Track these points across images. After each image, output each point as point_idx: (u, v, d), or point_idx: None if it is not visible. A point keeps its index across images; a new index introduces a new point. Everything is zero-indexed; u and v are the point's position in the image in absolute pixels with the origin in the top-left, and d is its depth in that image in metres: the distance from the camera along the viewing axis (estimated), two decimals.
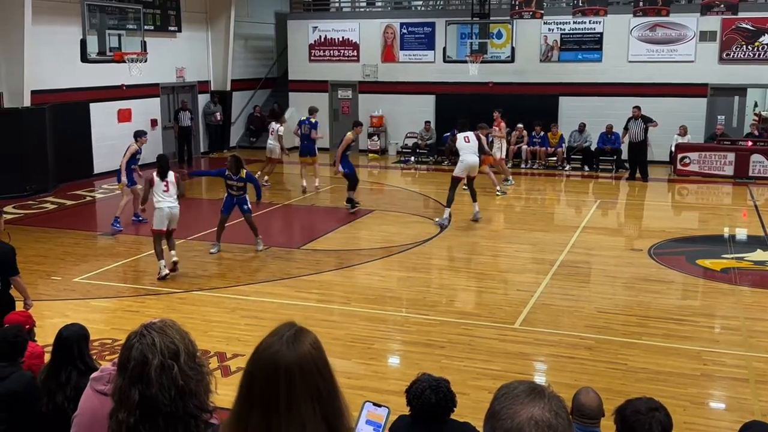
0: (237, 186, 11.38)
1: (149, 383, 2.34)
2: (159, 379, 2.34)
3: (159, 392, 2.33)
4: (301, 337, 2.00)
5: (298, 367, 1.94)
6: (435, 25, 21.68)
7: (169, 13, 20.40)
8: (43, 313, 8.33)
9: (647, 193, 17.33)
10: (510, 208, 15.87)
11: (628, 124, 18.15)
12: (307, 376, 1.95)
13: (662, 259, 11.23)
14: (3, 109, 15.86)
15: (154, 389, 2.33)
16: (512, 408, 1.69)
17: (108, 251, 11.93)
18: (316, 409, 1.94)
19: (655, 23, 19.77)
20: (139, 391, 2.34)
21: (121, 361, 2.42)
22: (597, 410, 4.15)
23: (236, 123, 23.80)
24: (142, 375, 2.35)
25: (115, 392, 2.41)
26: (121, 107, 19.08)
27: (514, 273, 10.70)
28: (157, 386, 2.33)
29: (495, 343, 8.01)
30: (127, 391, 2.36)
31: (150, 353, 2.36)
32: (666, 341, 8.08)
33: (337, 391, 2.03)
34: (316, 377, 1.96)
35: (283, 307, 9.17)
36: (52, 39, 16.42)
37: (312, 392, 1.95)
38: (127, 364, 2.38)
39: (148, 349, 2.37)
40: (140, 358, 2.36)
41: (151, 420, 2.34)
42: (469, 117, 14.68)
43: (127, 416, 2.35)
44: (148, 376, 2.34)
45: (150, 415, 2.34)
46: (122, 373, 2.40)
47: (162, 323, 2.47)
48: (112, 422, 2.42)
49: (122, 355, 2.42)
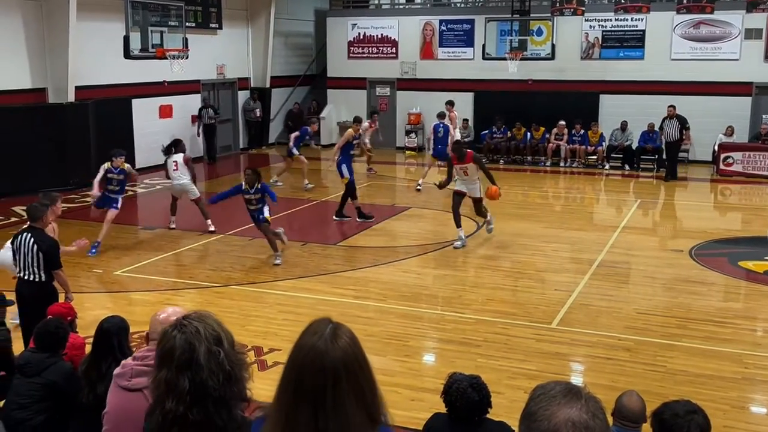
0: (255, 199, 10.80)
1: (199, 369, 2.38)
2: (208, 364, 2.39)
3: (209, 377, 2.38)
4: (340, 334, 2.07)
5: (343, 365, 2.02)
6: (474, 22, 21.58)
7: (210, 11, 20.60)
8: (85, 305, 8.48)
9: (689, 193, 17.06)
10: (549, 206, 15.73)
11: (663, 123, 17.89)
12: (351, 373, 2.03)
13: (703, 260, 11.04)
14: (48, 105, 16.18)
15: (204, 374, 2.38)
16: (549, 409, 1.68)
17: (148, 245, 12.11)
18: (359, 404, 2.03)
19: (699, 21, 19.43)
20: (188, 378, 2.38)
21: (164, 353, 2.45)
22: (639, 414, 4.10)
23: (275, 120, 23.96)
24: (191, 362, 2.39)
25: (159, 384, 2.44)
26: (163, 103, 19.33)
27: (551, 272, 10.62)
28: (207, 371, 2.38)
29: (531, 343, 7.96)
30: (175, 379, 2.39)
31: (196, 340, 2.41)
32: (706, 343, 7.95)
33: (376, 385, 2.11)
34: (358, 373, 2.05)
35: (320, 303, 9.22)
36: (96, 35, 16.70)
37: (356, 388, 2.03)
38: (172, 354, 2.41)
39: (192, 336, 2.42)
40: (187, 346, 2.41)
41: (200, 405, 2.39)
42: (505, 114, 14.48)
43: (176, 404, 2.38)
44: (197, 362, 2.39)
45: (200, 400, 2.38)
46: (167, 364, 2.43)
47: (198, 314, 2.52)
48: (156, 414, 2.45)
49: (164, 347, 2.46)
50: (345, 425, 2.00)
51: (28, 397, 4.90)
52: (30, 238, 6.93)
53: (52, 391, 4.92)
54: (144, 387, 3.11)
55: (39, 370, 4.94)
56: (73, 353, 5.33)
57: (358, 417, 2.02)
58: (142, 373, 3.16)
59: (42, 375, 4.93)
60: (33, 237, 6.93)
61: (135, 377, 3.21)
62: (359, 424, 2.02)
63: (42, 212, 7.12)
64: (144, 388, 3.11)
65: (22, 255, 6.94)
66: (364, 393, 2.05)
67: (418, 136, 22.37)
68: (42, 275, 6.96)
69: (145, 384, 3.09)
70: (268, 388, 2.37)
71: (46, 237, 7.09)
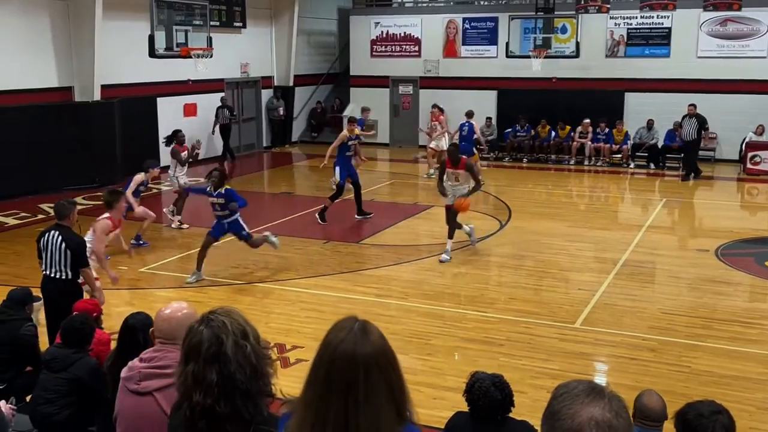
0: (218, 204, 9.89)
1: (227, 361, 2.40)
2: (235, 357, 2.41)
3: (237, 370, 2.39)
4: (370, 329, 2.10)
5: (374, 360, 2.04)
6: (498, 19, 21.50)
7: (234, 10, 20.70)
8: (110, 301, 8.55)
9: (715, 193, 16.87)
10: (573, 205, 15.64)
11: (683, 121, 17.68)
12: (381, 367, 2.05)
13: (729, 260, 10.92)
14: (74, 103, 16.36)
15: (232, 367, 2.40)
16: (572, 408, 1.67)
17: (173, 243, 12.21)
18: (389, 398, 2.05)
19: (726, 18, 19.21)
20: (216, 371, 2.40)
21: (191, 347, 2.46)
22: (660, 413, 4.07)
23: (298, 118, 24.04)
24: (218, 354, 2.41)
25: (187, 378, 2.45)
26: (187, 102, 19.47)
27: (575, 271, 10.56)
28: (234, 364, 2.40)
29: (555, 342, 7.92)
30: (203, 373, 2.41)
31: (223, 334, 2.43)
32: (732, 344, 7.87)
33: (404, 381, 2.12)
34: (388, 368, 2.07)
35: (341, 301, 9.24)
36: (122, 34, 16.86)
37: (386, 382, 2.06)
38: (199, 348, 2.43)
39: (220, 330, 2.44)
40: (214, 339, 2.42)
41: (228, 398, 2.40)
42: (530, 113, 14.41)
43: (203, 397, 2.40)
44: (225, 354, 2.40)
45: (228, 393, 2.40)
46: (194, 357, 2.44)
47: (224, 309, 2.54)
48: (184, 408, 2.47)
49: (191, 342, 2.47)
50: (375, 419, 2.02)
51: (54, 392, 4.97)
52: (58, 236, 7.01)
53: (78, 386, 4.98)
54: (154, 390, 3.08)
55: (65, 365, 5.00)
56: (99, 349, 5.39)
57: (387, 411, 2.04)
58: (151, 375, 3.13)
59: (68, 370, 4.99)
60: (61, 235, 7.01)
61: (144, 380, 3.15)
62: (388, 418, 2.04)
63: (69, 210, 7.20)
64: (154, 391, 3.08)
65: (49, 252, 7.01)
66: (393, 388, 2.07)
67: None
68: (69, 273, 7.04)
69: (156, 386, 3.08)
70: (290, 385, 2.38)
71: (74, 235, 7.17)
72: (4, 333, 5.75)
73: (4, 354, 5.73)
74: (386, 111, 23.27)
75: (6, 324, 5.80)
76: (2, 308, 5.97)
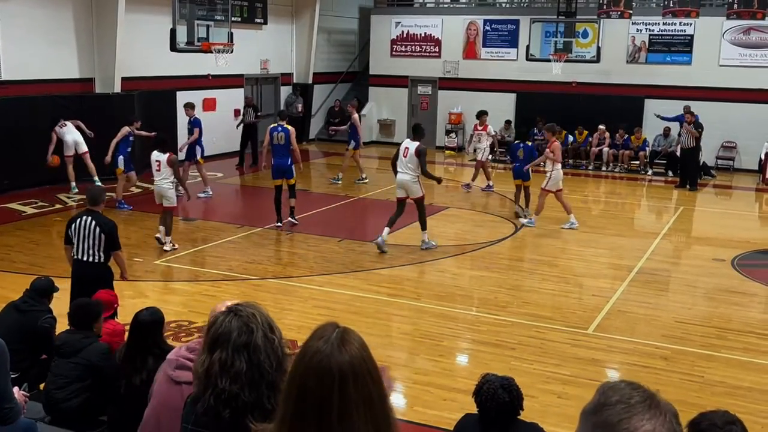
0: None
1: (257, 350, 2.42)
2: (264, 346, 2.43)
3: (265, 359, 2.42)
4: (349, 339, 1.92)
5: (351, 371, 1.85)
6: (519, 22, 21.45)
7: (256, 6, 20.75)
8: (124, 292, 8.60)
9: (733, 202, 16.74)
10: (588, 211, 15.57)
11: (681, 129, 17.44)
12: (360, 380, 1.86)
13: (746, 270, 10.83)
14: (94, 94, 16.47)
15: (261, 356, 2.42)
16: (630, 422, 1.62)
17: (188, 236, 12.26)
18: (367, 416, 1.86)
19: (749, 26, 19.05)
20: (245, 359, 2.42)
21: (219, 335, 2.47)
22: None
23: (316, 115, 24.07)
24: (248, 343, 2.43)
25: (213, 365, 2.45)
26: (207, 96, 19.53)
27: (589, 277, 10.51)
28: (264, 354, 2.42)
29: (567, 348, 7.88)
30: (231, 360, 2.42)
31: (253, 324, 2.46)
32: (746, 355, 7.81)
33: (386, 395, 1.96)
34: (368, 381, 1.88)
35: (354, 299, 9.24)
36: (144, 28, 16.96)
37: (365, 397, 1.86)
38: (228, 336, 2.44)
39: (249, 320, 2.47)
40: (245, 328, 2.45)
41: (254, 386, 2.41)
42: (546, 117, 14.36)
43: (230, 384, 2.41)
44: (255, 343, 2.43)
45: (256, 382, 2.41)
46: (222, 345, 2.45)
47: (248, 303, 2.56)
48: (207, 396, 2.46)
49: (217, 330, 2.49)
50: None
51: (65, 377, 5.00)
52: (91, 220, 7.09)
53: (88, 371, 5.01)
54: (184, 382, 3.10)
55: (76, 350, 5.05)
56: (113, 340, 5.42)
57: (365, 429, 1.85)
58: (184, 366, 3.15)
59: (79, 355, 5.03)
60: (94, 219, 7.10)
61: (178, 369, 3.18)
62: None
63: (102, 196, 7.35)
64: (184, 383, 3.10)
65: (83, 237, 7.08)
66: (372, 403, 1.87)
67: (458, 136, 22.31)
68: (101, 256, 7.13)
69: (185, 379, 3.08)
70: None
71: (107, 219, 7.31)
72: (23, 323, 5.78)
73: (21, 344, 5.77)
74: (404, 111, 23.28)
75: (26, 314, 5.84)
76: (24, 298, 6.00)
